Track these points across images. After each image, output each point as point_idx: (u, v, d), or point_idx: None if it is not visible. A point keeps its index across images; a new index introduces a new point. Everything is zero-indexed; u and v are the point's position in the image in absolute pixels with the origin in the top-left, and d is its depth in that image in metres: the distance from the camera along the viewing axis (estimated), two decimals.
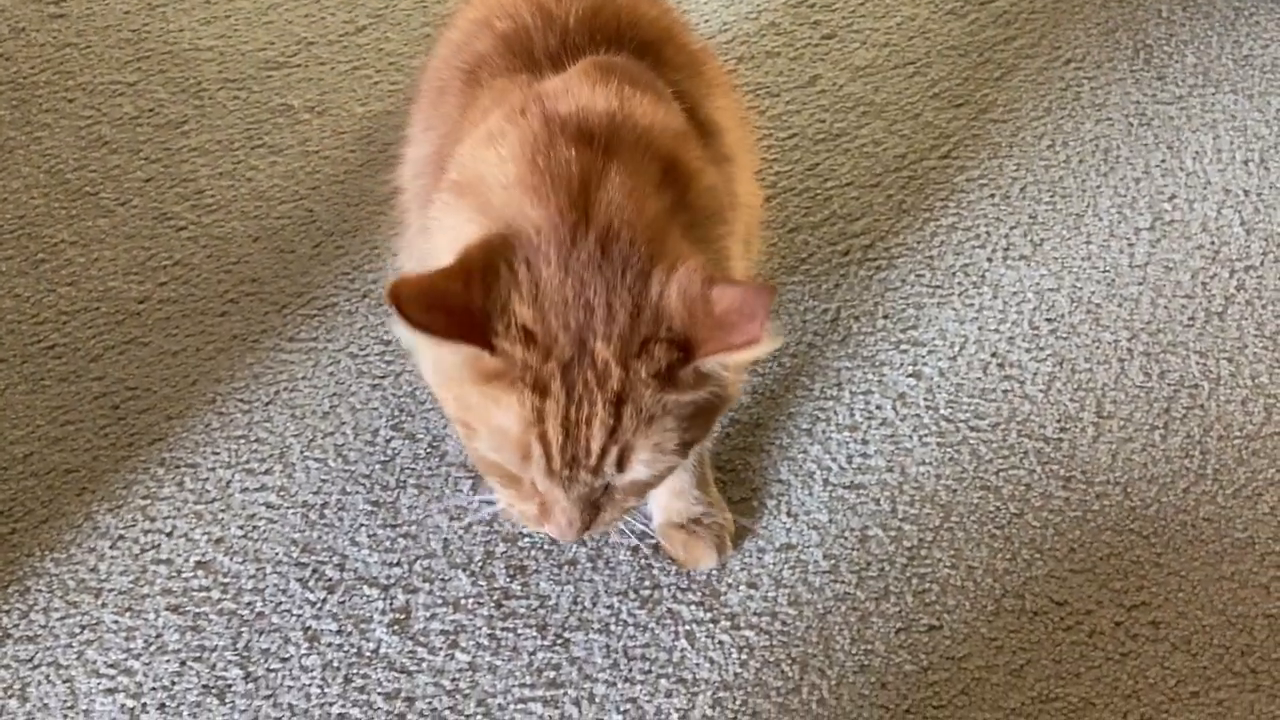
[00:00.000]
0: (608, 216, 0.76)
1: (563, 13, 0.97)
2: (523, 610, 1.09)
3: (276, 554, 1.14)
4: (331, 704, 1.04)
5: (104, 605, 1.11)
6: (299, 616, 1.09)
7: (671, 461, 0.83)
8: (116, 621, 1.09)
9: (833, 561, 1.12)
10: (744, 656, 1.06)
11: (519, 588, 1.11)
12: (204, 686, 1.05)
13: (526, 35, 0.97)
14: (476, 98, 0.95)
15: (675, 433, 0.80)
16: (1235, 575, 1.10)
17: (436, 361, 0.83)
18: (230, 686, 1.06)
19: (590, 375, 0.75)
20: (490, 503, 0.91)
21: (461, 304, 0.75)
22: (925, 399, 1.24)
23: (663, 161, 0.81)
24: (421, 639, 1.08)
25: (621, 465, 0.80)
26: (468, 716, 1.03)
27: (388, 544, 1.14)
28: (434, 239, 0.87)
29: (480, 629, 1.08)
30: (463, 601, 1.10)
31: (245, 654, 1.07)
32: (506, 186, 0.79)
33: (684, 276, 0.75)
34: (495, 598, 1.10)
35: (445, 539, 1.14)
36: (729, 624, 1.08)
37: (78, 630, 1.09)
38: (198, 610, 1.10)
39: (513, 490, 0.85)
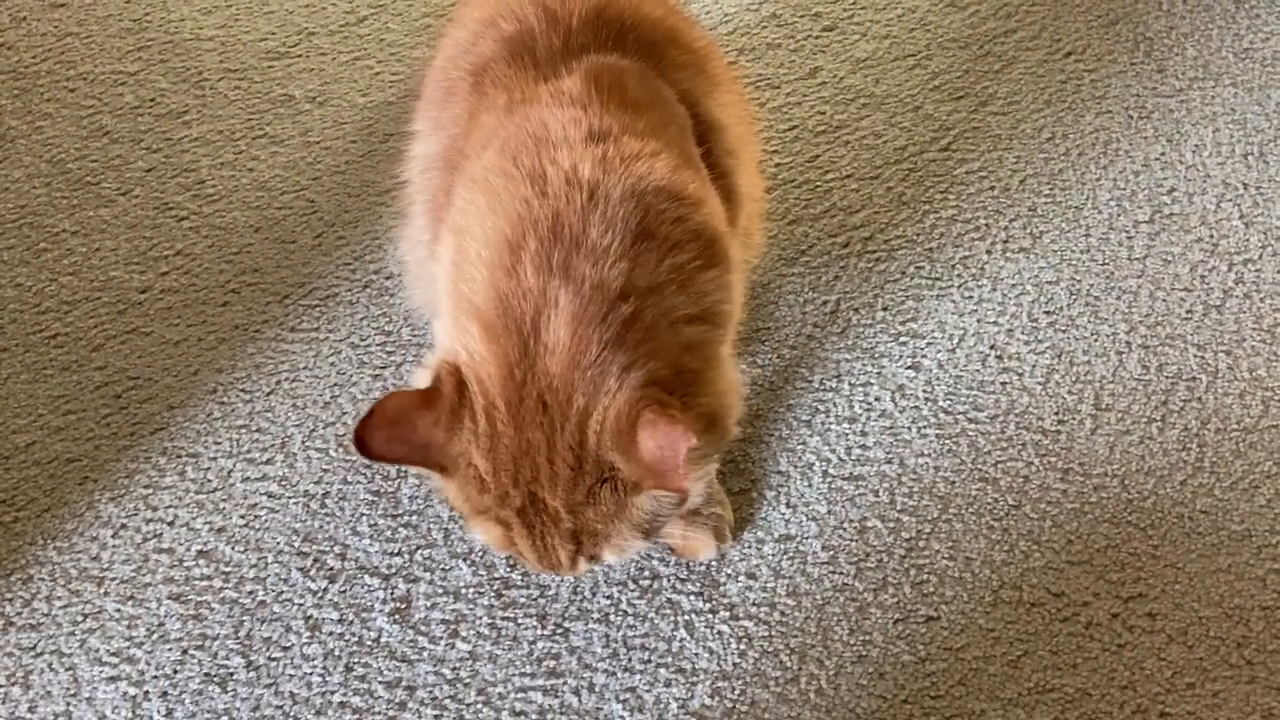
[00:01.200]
0: (547, 368, 0.80)
1: (567, 14, 0.98)
2: (523, 600, 1.10)
3: (278, 543, 1.14)
4: (333, 692, 1.05)
5: (106, 594, 1.11)
6: (300, 605, 1.10)
7: (646, 544, 0.90)
8: (119, 610, 1.10)
9: (831, 552, 1.13)
10: (743, 646, 1.07)
11: (519, 577, 1.11)
12: (206, 675, 1.06)
13: (530, 37, 0.97)
14: (483, 107, 0.96)
15: (641, 528, 0.87)
16: (1232, 568, 1.11)
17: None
18: (232, 675, 1.06)
19: (545, 518, 0.83)
20: None
21: (424, 439, 0.83)
22: (924, 391, 1.25)
23: (637, 232, 0.83)
24: (422, 628, 1.08)
25: (595, 561, 0.89)
26: (468, 705, 1.04)
27: (389, 533, 1.14)
28: (438, 269, 0.94)
29: (481, 618, 1.09)
30: (463, 591, 1.11)
31: (247, 642, 1.08)
32: (473, 307, 0.84)
33: (614, 424, 0.79)
34: (495, 587, 1.11)
35: (446, 529, 1.14)
36: (728, 614, 1.09)
37: (80, 618, 1.10)
38: (199, 599, 1.11)
39: None
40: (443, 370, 0.84)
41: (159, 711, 1.04)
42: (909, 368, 1.27)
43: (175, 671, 1.06)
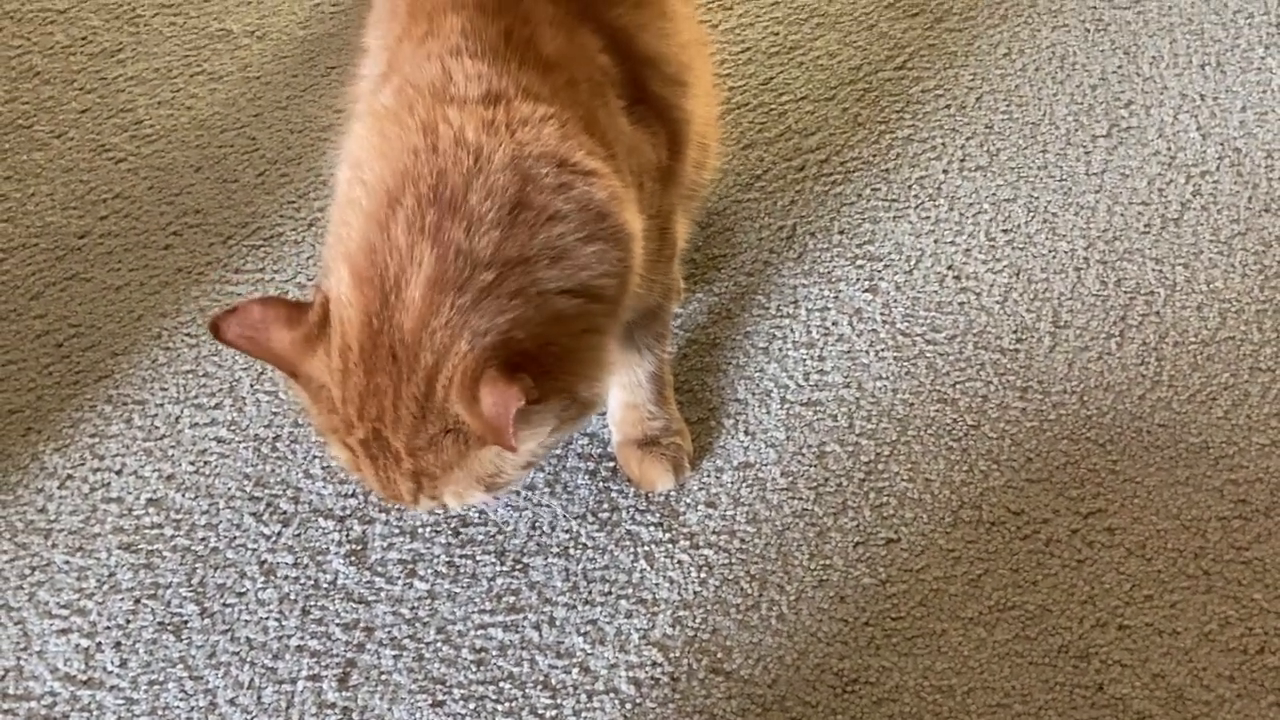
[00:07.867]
0: (401, 323, 0.82)
1: None
2: (480, 537, 1.09)
3: (229, 489, 1.12)
4: (290, 636, 1.04)
5: (54, 546, 1.09)
6: (254, 550, 1.08)
7: (488, 497, 0.90)
8: (68, 562, 1.08)
9: (790, 478, 1.12)
10: (703, 575, 1.06)
11: (476, 515, 1.10)
12: (160, 623, 1.05)
13: None
14: (408, 33, 0.93)
15: (483, 481, 0.87)
16: (1189, 480, 1.11)
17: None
18: (186, 622, 1.05)
19: (388, 455, 0.85)
20: None
21: (279, 351, 0.85)
22: (882, 314, 1.23)
23: (514, 201, 0.83)
24: (379, 569, 1.07)
25: (436, 501, 0.89)
26: (428, 644, 1.03)
27: (342, 475, 1.12)
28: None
29: (438, 557, 1.08)
30: (419, 530, 1.09)
31: (200, 590, 1.06)
32: (347, 252, 0.85)
33: (460, 379, 0.81)
34: (452, 525, 1.09)
35: None
36: (688, 543, 1.08)
37: (28, 572, 1.07)
38: (150, 548, 1.09)
39: None
40: (319, 298, 0.85)
41: (112, 662, 1.03)
42: (866, 290, 1.25)
43: (128, 621, 1.05)
